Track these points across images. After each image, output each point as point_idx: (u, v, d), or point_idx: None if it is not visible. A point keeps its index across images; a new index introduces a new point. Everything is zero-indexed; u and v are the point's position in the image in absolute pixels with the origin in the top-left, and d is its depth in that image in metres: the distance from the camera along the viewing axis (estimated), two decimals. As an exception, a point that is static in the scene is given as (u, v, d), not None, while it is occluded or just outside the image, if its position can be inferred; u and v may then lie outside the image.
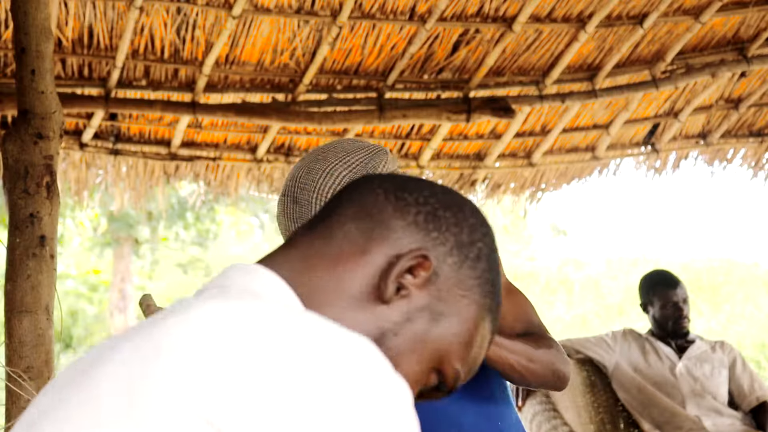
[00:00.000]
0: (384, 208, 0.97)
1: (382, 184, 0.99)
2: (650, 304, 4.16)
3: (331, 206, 1.00)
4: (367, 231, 0.96)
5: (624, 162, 5.06)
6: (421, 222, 0.96)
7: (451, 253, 0.95)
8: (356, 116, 4.19)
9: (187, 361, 0.80)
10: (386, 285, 0.93)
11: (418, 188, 0.99)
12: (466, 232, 0.97)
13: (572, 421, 3.95)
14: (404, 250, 0.94)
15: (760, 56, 4.51)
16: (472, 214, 0.99)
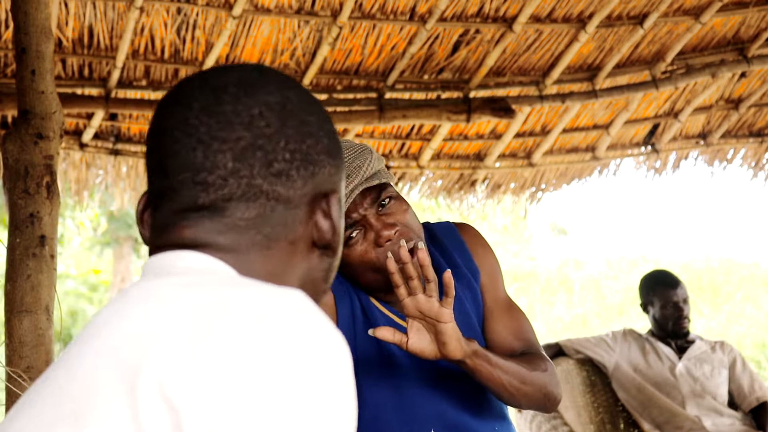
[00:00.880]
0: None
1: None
2: (650, 304, 4.16)
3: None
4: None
5: (624, 162, 5.06)
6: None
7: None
8: (356, 116, 4.19)
9: (143, 347, 0.81)
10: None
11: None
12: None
13: (572, 421, 3.95)
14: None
15: (760, 56, 4.51)
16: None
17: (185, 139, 0.93)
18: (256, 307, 0.81)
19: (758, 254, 14.30)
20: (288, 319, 0.81)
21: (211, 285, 0.86)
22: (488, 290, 1.95)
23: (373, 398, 1.84)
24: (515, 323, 1.94)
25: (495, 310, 1.94)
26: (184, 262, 0.92)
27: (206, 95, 0.94)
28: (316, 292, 1.00)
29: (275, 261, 0.95)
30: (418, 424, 1.83)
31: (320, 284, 1.01)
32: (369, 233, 1.76)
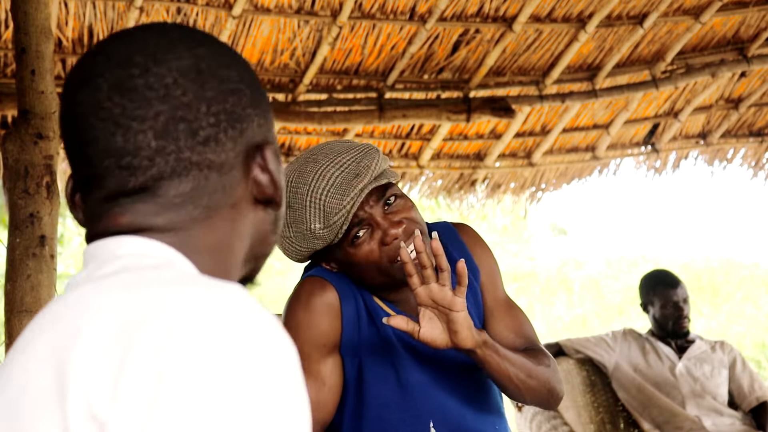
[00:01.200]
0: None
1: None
2: (650, 304, 4.16)
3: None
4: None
5: (624, 162, 5.07)
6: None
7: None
8: (356, 116, 4.19)
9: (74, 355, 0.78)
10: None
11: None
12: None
13: (572, 421, 3.95)
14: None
15: (760, 56, 4.51)
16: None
17: (101, 124, 0.87)
18: (188, 312, 0.77)
19: (758, 254, 14.30)
20: (223, 322, 0.77)
21: (147, 285, 0.81)
22: (488, 290, 1.96)
23: (376, 397, 1.84)
24: (516, 322, 1.94)
25: (495, 309, 1.95)
26: (125, 249, 0.87)
27: (113, 71, 0.88)
28: (266, 244, 0.97)
29: (220, 229, 0.91)
30: (422, 423, 1.84)
31: (269, 237, 0.97)
32: (376, 232, 1.76)
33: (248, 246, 0.94)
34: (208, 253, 0.90)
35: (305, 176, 1.75)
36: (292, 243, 1.80)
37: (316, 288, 1.83)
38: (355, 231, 1.76)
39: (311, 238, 1.76)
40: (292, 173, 1.78)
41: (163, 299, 0.78)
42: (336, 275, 1.86)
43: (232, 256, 0.93)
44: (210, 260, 0.90)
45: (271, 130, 0.97)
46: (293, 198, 1.76)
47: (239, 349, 0.76)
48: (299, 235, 1.77)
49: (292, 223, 1.77)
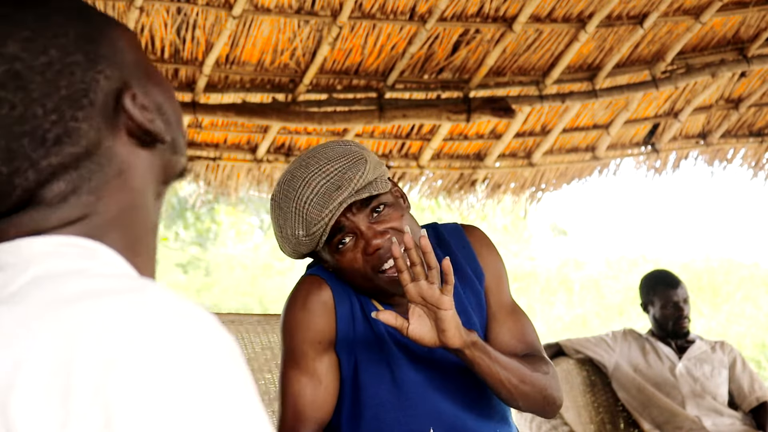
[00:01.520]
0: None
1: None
2: (651, 304, 4.16)
3: None
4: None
5: (624, 162, 5.07)
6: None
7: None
8: (356, 116, 4.19)
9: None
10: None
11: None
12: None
13: (572, 421, 3.95)
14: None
15: (760, 56, 4.51)
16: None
17: None
18: (120, 336, 0.70)
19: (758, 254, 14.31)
20: (158, 335, 0.70)
21: (69, 302, 0.73)
22: (493, 293, 1.95)
23: (373, 397, 1.84)
24: (518, 326, 1.94)
25: (499, 313, 1.94)
26: (35, 249, 0.80)
27: None
28: (174, 167, 0.91)
29: (115, 201, 0.84)
30: (418, 423, 1.83)
31: (172, 165, 0.91)
32: (360, 241, 1.77)
33: (154, 184, 0.89)
34: (116, 226, 0.84)
35: (294, 182, 1.77)
36: (284, 244, 1.83)
37: (313, 287, 1.85)
38: (339, 237, 1.77)
39: (296, 243, 1.79)
40: (285, 176, 1.80)
41: (90, 320, 0.71)
42: (330, 274, 1.87)
43: (141, 219, 0.87)
44: (122, 230, 0.85)
45: (124, 68, 0.87)
46: (284, 201, 1.78)
47: (181, 359, 0.70)
48: (287, 239, 1.80)
49: (282, 225, 1.79)
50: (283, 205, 1.78)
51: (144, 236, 0.88)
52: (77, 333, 0.70)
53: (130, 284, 0.75)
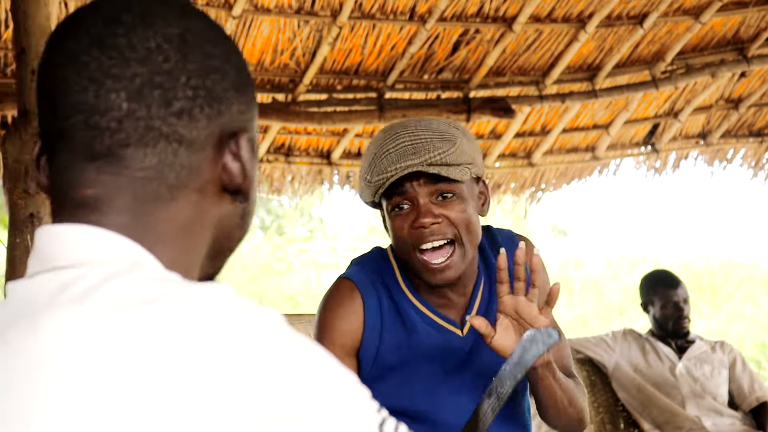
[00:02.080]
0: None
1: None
2: (651, 304, 4.16)
3: None
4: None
5: (624, 162, 5.07)
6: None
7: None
8: (356, 116, 4.19)
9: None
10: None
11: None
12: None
13: (572, 421, 3.95)
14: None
15: (760, 56, 4.51)
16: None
17: (75, 77, 0.83)
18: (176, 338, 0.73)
19: (758, 254, 14.30)
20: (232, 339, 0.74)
21: (109, 314, 0.75)
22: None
23: (389, 391, 1.85)
24: (558, 348, 1.94)
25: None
26: (76, 256, 0.81)
27: (98, 27, 0.84)
28: (231, 239, 0.93)
29: (183, 214, 0.86)
30: (442, 429, 1.83)
31: (235, 232, 0.93)
32: (412, 212, 1.78)
33: (211, 238, 0.90)
34: (170, 240, 0.86)
35: (388, 132, 1.81)
36: (359, 184, 1.87)
37: (345, 294, 1.87)
38: (398, 200, 1.78)
39: (363, 185, 1.83)
40: (389, 125, 1.86)
41: (168, 321, 0.75)
42: (367, 270, 1.89)
43: (195, 245, 0.88)
44: (172, 249, 0.86)
45: (252, 121, 0.92)
46: (373, 143, 1.83)
47: (270, 341, 0.75)
48: (361, 178, 1.85)
49: (362, 164, 1.84)
50: (370, 147, 1.83)
51: (188, 269, 0.89)
52: (161, 332, 0.74)
53: (192, 286, 0.79)
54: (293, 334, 0.77)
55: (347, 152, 4.59)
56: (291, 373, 0.74)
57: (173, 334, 0.74)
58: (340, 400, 0.75)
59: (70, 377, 0.73)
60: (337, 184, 4.69)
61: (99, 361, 0.73)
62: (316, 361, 0.77)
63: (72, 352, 0.74)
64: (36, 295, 0.80)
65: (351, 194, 4.77)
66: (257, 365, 0.74)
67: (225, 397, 0.72)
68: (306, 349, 0.77)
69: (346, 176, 4.68)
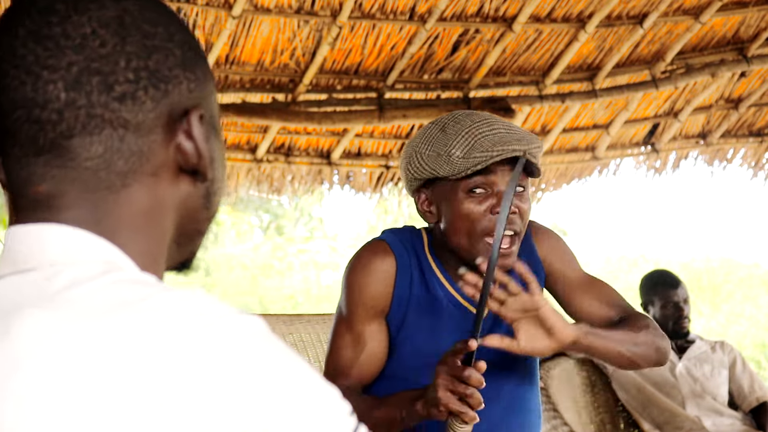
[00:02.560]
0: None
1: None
2: (651, 303, 4.16)
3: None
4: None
5: (624, 162, 5.07)
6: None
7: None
8: (356, 116, 4.19)
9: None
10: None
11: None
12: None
13: (572, 421, 3.95)
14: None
15: (760, 56, 4.51)
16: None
17: (13, 71, 0.81)
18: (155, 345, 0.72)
19: (758, 254, 14.30)
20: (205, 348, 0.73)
21: (86, 317, 0.74)
22: (562, 274, 1.98)
23: (409, 359, 1.88)
24: (604, 294, 1.97)
25: (578, 288, 1.97)
26: (49, 256, 0.80)
27: (33, 18, 0.82)
28: (197, 221, 0.90)
29: (138, 199, 0.84)
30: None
31: (200, 213, 0.90)
32: (491, 198, 1.80)
33: (175, 222, 0.88)
34: (130, 228, 0.84)
35: (473, 116, 1.82)
36: (420, 160, 1.84)
37: (378, 253, 1.89)
38: (477, 182, 1.79)
39: (441, 161, 1.80)
40: (458, 112, 1.86)
41: (144, 325, 0.74)
42: (400, 239, 1.90)
43: (158, 231, 0.86)
44: (135, 237, 0.84)
45: (207, 97, 0.89)
46: (451, 124, 1.82)
47: (242, 345, 0.74)
48: (432, 155, 1.81)
49: (434, 142, 1.82)
50: (448, 127, 1.81)
51: (155, 258, 0.87)
52: (135, 337, 0.73)
53: (163, 289, 0.77)
54: (275, 343, 0.76)
55: (347, 152, 4.59)
56: (270, 383, 0.73)
57: (149, 339, 0.72)
58: (318, 414, 0.74)
59: (42, 382, 0.72)
60: (337, 184, 4.69)
61: (72, 366, 0.72)
62: (297, 372, 0.75)
63: (44, 356, 0.73)
64: (8, 297, 0.79)
65: (351, 194, 4.77)
66: (236, 373, 0.72)
67: (202, 405, 0.71)
68: (286, 360, 0.76)
69: (346, 176, 4.68)
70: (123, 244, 0.83)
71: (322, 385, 0.76)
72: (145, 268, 0.83)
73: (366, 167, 4.66)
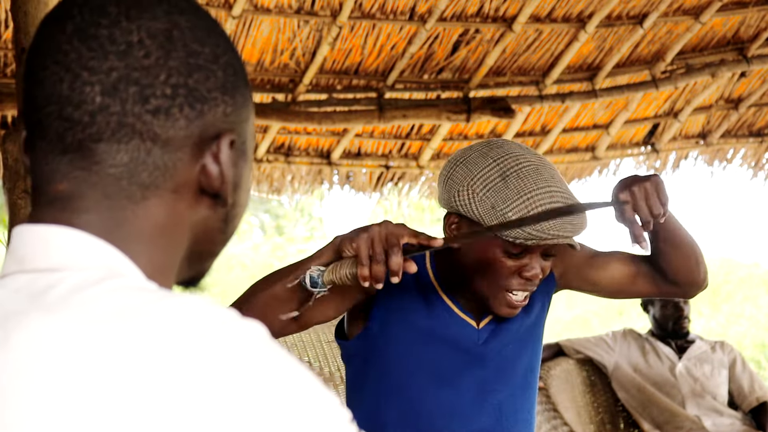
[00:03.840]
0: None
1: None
2: (651, 303, 4.16)
3: None
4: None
5: (624, 162, 5.06)
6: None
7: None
8: (356, 116, 4.19)
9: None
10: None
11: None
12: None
13: (572, 421, 3.95)
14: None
15: (760, 56, 4.51)
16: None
17: (53, 66, 0.81)
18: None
19: (758, 254, 14.31)
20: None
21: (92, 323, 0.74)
22: (571, 263, 1.96)
23: (409, 391, 1.85)
24: (616, 254, 1.96)
25: (594, 262, 1.95)
26: (54, 259, 0.80)
27: (84, 16, 0.82)
28: (212, 243, 0.90)
29: (155, 213, 0.84)
30: (458, 421, 1.84)
31: (216, 235, 0.90)
32: (524, 260, 1.76)
33: (189, 240, 0.87)
34: (143, 240, 0.84)
35: (536, 174, 1.74)
36: (471, 200, 1.75)
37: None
38: (521, 248, 1.75)
39: (493, 215, 1.72)
40: (527, 156, 1.78)
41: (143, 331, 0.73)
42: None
43: (171, 247, 0.86)
44: (146, 249, 0.84)
45: (242, 123, 0.89)
46: (513, 176, 1.73)
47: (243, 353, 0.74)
48: (487, 205, 1.73)
49: (492, 189, 1.73)
50: (510, 179, 1.73)
51: (165, 272, 0.86)
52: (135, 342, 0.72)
53: (164, 295, 0.77)
54: (276, 349, 0.76)
55: (347, 152, 4.59)
56: (271, 389, 0.73)
57: (150, 345, 0.72)
58: (318, 420, 0.74)
59: (42, 388, 0.72)
60: (336, 184, 4.69)
61: (73, 373, 0.71)
62: (298, 378, 0.75)
63: (44, 363, 0.72)
64: (10, 299, 0.79)
65: (351, 194, 4.77)
66: (237, 379, 0.72)
67: (202, 410, 0.71)
68: (287, 366, 0.75)
69: (345, 176, 4.68)
70: (133, 255, 0.83)
71: (323, 391, 0.76)
72: (151, 278, 0.83)
73: (366, 167, 4.66)
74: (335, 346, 3.06)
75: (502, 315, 1.81)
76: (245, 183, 0.91)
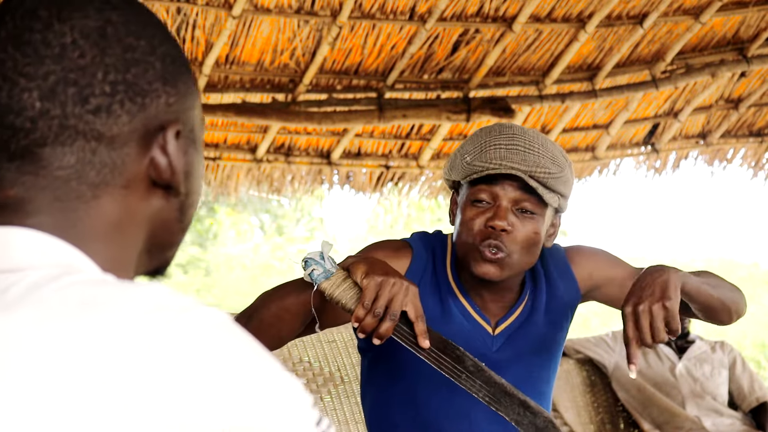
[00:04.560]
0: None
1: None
2: (650, 304, 4.16)
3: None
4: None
5: (624, 162, 5.06)
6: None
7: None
8: (356, 116, 4.19)
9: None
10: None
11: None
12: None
13: (572, 421, 3.95)
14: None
15: (760, 56, 4.51)
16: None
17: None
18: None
19: (758, 254, 14.31)
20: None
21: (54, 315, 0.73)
22: (610, 279, 2.01)
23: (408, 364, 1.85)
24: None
25: (628, 283, 1.95)
26: (15, 260, 0.79)
27: (16, 22, 0.82)
28: (171, 233, 0.91)
29: (108, 210, 0.84)
30: (468, 427, 1.84)
31: (174, 225, 0.90)
32: (489, 210, 1.79)
33: (146, 233, 0.88)
34: (99, 239, 0.84)
35: (504, 127, 1.83)
36: (454, 161, 1.87)
37: (398, 246, 1.90)
38: (482, 191, 1.79)
39: (456, 163, 1.84)
40: (508, 123, 1.87)
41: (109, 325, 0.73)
42: (425, 244, 1.90)
43: (128, 242, 0.86)
44: (103, 247, 0.84)
45: (186, 112, 0.89)
46: (483, 130, 1.84)
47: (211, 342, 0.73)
48: (456, 155, 1.85)
49: (464, 144, 1.85)
50: (480, 133, 1.84)
51: (123, 267, 0.86)
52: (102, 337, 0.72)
53: (129, 287, 0.76)
54: (238, 335, 0.75)
55: (347, 152, 4.59)
56: (233, 375, 0.73)
57: (113, 337, 0.72)
58: (281, 405, 0.74)
59: (5, 386, 0.71)
60: (337, 184, 4.69)
61: (36, 368, 0.71)
62: (260, 364, 0.75)
63: (7, 361, 0.72)
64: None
65: (351, 194, 4.77)
66: (199, 366, 0.72)
67: (165, 398, 0.71)
68: (249, 352, 0.75)
69: (346, 176, 4.68)
70: (89, 253, 0.83)
71: (285, 377, 0.76)
72: (110, 272, 0.83)
73: (366, 167, 4.66)
74: (335, 346, 3.05)
75: (479, 274, 1.80)
76: (197, 170, 0.91)
